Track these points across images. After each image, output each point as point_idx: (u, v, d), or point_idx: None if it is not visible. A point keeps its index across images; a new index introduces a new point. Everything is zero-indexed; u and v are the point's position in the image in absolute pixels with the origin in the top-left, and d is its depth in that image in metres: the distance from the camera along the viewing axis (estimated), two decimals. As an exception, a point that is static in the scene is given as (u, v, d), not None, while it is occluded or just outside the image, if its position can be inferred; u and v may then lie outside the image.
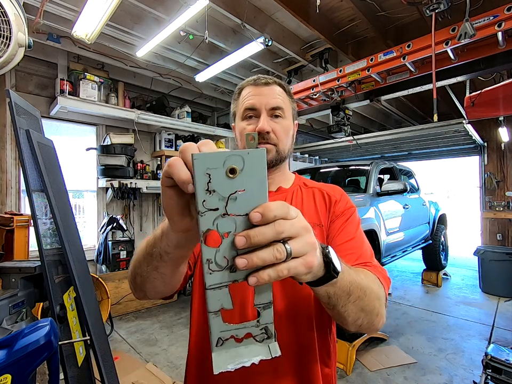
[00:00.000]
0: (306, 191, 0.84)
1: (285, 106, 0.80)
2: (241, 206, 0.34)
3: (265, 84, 0.79)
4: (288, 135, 0.82)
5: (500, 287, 4.21)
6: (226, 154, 0.34)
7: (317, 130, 6.56)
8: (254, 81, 0.80)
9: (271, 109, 0.77)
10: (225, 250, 0.35)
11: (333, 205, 0.79)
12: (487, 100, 3.34)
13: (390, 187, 3.41)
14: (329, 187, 0.85)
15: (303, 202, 0.81)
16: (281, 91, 0.80)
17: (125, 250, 4.01)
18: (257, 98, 0.78)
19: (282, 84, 0.82)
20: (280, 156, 0.80)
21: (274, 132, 0.78)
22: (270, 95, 0.78)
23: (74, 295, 1.26)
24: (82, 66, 3.75)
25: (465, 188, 9.73)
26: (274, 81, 0.80)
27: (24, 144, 1.18)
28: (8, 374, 0.69)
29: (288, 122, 0.81)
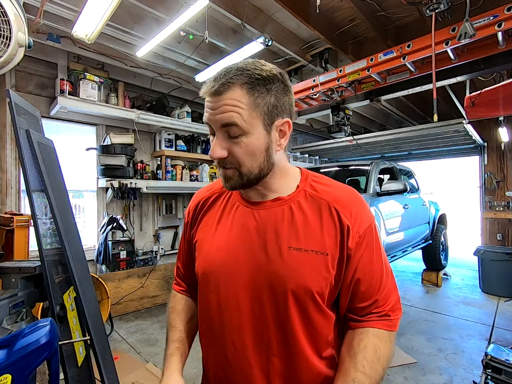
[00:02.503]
0: (312, 203, 0.70)
1: (244, 119, 0.61)
2: None
3: (216, 92, 0.61)
4: (254, 154, 0.64)
5: (499, 287, 4.21)
6: None
7: (317, 130, 6.56)
8: (207, 87, 0.64)
9: (223, 127, 0.63)
10: None
11: (345, 232, 0.66)
12: (487, 100, 3.34)
13: (390, 187, 3.41)
14: (342, 202, 0.70)
15: (307, 220, 0.68)
16: (240, 96, 0.61)
17: (125, 250, 4.01)
18: (210, 113, 0.64)
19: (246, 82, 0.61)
20: (246, 178, 0.66)
21: (232, 155, 0.64)
22: (221, 109, 0.61)
23: (74, 295, 1.26)
24: (82, 66, 3.74)
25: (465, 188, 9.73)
26: (233, 82, 0.61)
27: (24, 144, 1.18)
28: (8, 374, 0.69)
29: (252, 138, 0.63)
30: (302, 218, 0.68)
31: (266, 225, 0.69)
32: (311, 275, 0.65)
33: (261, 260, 0.67)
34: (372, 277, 0.69)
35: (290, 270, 0.65)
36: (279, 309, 0.66)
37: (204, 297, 0.76)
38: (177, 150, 4.67)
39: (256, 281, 0.67)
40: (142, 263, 4.36)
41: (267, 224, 0.69)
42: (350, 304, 0.70)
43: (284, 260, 0.65)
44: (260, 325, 0.67)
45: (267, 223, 0.69)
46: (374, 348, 0.66)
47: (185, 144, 4.81)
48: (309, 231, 0.67)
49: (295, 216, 0.68)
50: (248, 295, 0.68)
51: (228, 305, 0.70)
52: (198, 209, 0.82)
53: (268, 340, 0.67)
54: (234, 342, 0.69)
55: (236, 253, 0.70)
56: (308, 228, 0.67)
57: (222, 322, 0.71)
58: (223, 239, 0.73)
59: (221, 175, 0.70)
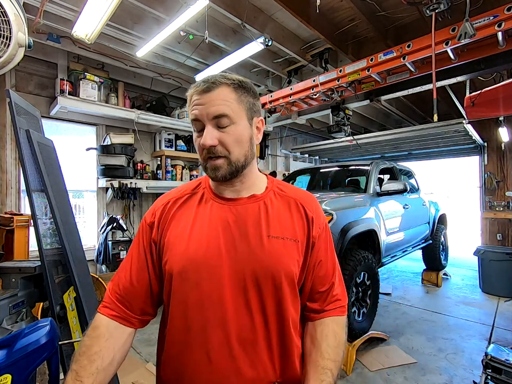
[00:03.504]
0: (282, 199, 0.81)
1: (233, 111, 0.71)
2: None
3: (206, 90, 0.71)
4: (241, 142, 0.73)
5: (499, 287, 4.20)
6: None
7: (317, 130, 6.56)
8: (196, 87, 0.73)
9: (214, 118, 0.70)
10: None
11: (310, 223, 0.79)
12: (487, 100, 3.34)
13: (390, 187, 3.41)
14: (304, 198, 0.83)
15: (280, 213, 0.78)
16: (228, 93, 0.72)
17: (125, 250, 4.00)
18: (200, 108, 0.71)
19: (230, 83, 0.72)
20: (234, 166, 0.73)
21: (222, 143, 0.71)
22: (211, 102, 0.70)
23: (74, 295, 1.26)
24: (82, 66, 3.75)
25: (465, 188, 9.74)
26: (220, 82, 0.71)
27: (24, 144, 1.18)
28: (8, 374, 0.69)
29: (240, 127, 0.73)
30: (275, 212, 0.78)
31: (245, 218, 0.76)
32: (289, 260, 0.74)
33: (243, 250, 0.72)
34: (328, 263, 0.83)
35: (272, 256, 0.72)
36: (263, 295, 0.72)
37: (180, 295, 0.73)
38: (177, 150, 4.67)
39: (240, 270, 0.72)
40: (142, 263, 4.35)
41: (246, 217, 0.76)
42: (312, 289, 0.81)
43: (265, 247, 0.73)
44: (244, 315, 0.71)
45: (246, 216, 0.76)
46: (334, 335, 0.78)
47: (185, 144, 4.81)
48: (282, 222, 0.77)
49: (269, 210, 0.78)
50: (232, 285, 0.71)
51: (211, 300, 0.71)
52: (168, 208, 0.81)
53: (253, 330, 0.71)
54: (218, 337, 0.70)
55: (217, 247, 0.73)
56: (281, 220, 0.77)
57: (204, 319, 0.71)
58: (202, 234, 0.75)
59: (207, 168, 0.75)
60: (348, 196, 3.25)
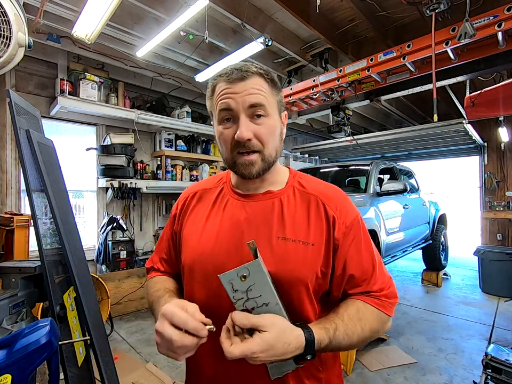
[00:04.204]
0: (301, 196, 0.74)
1: (268, 102, 0.68)
2: (255, 292, 0.60)
3: (240, 78, 0.66)
4: (275, 135, 0.71)
5: (499, 287, 4.20)
6: (237, 271, 0.58)
7: (317, 130, 6.56)
8: (227, 75, 0.67)
9: (250, 107, 0.66)
10: None
11: (331, 223, 0.70)
12: (487, 100, 3.34)
13: (390, 187, 3.41)
14: (327, 195, 0.74)
15: (295, 212, 0.72)
16: (262, 83, 0.68)
17: (125, 250, 4.01)
18: (233, 97, 0.66)
19: (263, 73, 0.69)
20: (267, 162, 0.70)
21: (257, 137, 0.67)
22: (248, 90, 0.66)
23: (74, 295, 1.26)
24: (82, 66, 3.74)
25: (465, 188, 9.73)
26: (253, 71, 0.67)
27: (24, 144, 1.18)
28: (8, 374, 0.69)
29: (273, 120, 0.70)
30: (290, 211, 0.72)
31: (256, 217, 0.72)
32: (297, 264, 0.67)
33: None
34: (361, 267, 0.71)
35: (278, 258, 0.67)
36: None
37: (188, 290, 0.75)
38: (177, 150, 4.66)
39: None
40: (142, 263, 4.35)
41: (257, 215, 0.72)
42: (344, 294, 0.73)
43: (273, 249, 0.68)
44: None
45: (257, 214, 0.72)
46: (358, 309, 0.68)
47: (185, 144, 4.81)
48: (296, 223, 0.70)
49: (284, 209, 0.72)
50: None
51: (216, 297, 0.69)
52: (188, 202, 0.83)
53: None
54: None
55: (226, 244, 0.71)
56: (295, 220, 0.71)
57: (209, 316, 0.70)
58: (213, 230, 0.74)
59: (237, 164, 0.70)
60: (348, 196, 3.25)
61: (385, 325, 0.72)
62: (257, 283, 0.59)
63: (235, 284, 0.59)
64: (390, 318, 0.73)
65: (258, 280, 0.59)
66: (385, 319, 0.71)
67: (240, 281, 0.59)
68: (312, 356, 0.60)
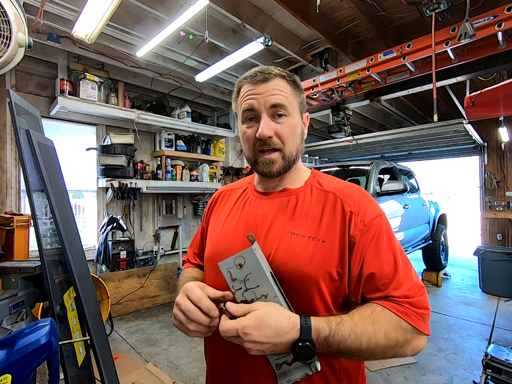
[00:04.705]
0: (318, 194, 0.74)
1: (289, 102, 0.71)
2: (253, 282, 0.60)
3: (263, 80, 0.70)
4: (295, 135, 0.73)
5: (499, 287, 4.21)
6: (233, 258, 0.60)
7: (317, 130, 6.56)
8: (251, 77, 0.71)
9: (272, 107, 0.69)
10: None
11: (347, 220, 0.67)
12: (487, 100, 3.34)
13: (390, 187, 3.41)
14: (345, 192, 0.72)
15: (310, 209, 0.71)
16: (284, 84, 0.71)
17: (125, 250, 4.01)
18: (256, 98, 0.70)
19: (285, 75, 0.73)
20: (288, 161, 0.72)
21: (278, 135, 0.70)
22: (270, 91, 0.69)
23: (74, 295, 1.26)
24: (82, 66, 3.74)
25: (465, 188, 9.73)
26: (275, 73, 0.71)
27: (24, 144, 1.17)
28: (8, 374, 0.69)
29: (294, 120, 0.72)
30: (304, 207, 0.72)
31: (270, 213, 0.74)
32: (303, 259, 0.65)
33: (262, 244, 0.70)
34: (381, 269, 0.64)
35: (287, 253, 0.67)
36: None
37: (208, 280, 0.79)
38: (177, 150, 4.66)
39: None
40: (142, 263, 4.36)
41: (272, 212, 0.74)
42: (363, 298, 0.67)
43: (282, 244, 0.68)
44: None
45: (272, 211, 0.74)
46: (372, 311, 0.61)
47: (185, 144, 4.81)
48: (308, 219, 0.70)
49: (298, 206, 0.73)
50: None
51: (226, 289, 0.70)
52: (215, 201, 0.92)
53: None
54: None
55: (241, 239, 0.73)
56: (308, 216, 0.70)
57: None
58: (231, 226, 0.79)
59: (258, 163, 0.73)
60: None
61: (411, 338, 0.61)
62: (253, 272, 0.59)
63: (233, 273, 0.60)
64: (423, 334, 0.63)
65: (254, 269, 0.59)
66: (407, 329, 0.61)
67: (237, 270, 0.60)
68: (311, 345, 0.55)
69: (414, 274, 0.68)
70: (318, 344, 0.56)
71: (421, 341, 0.64)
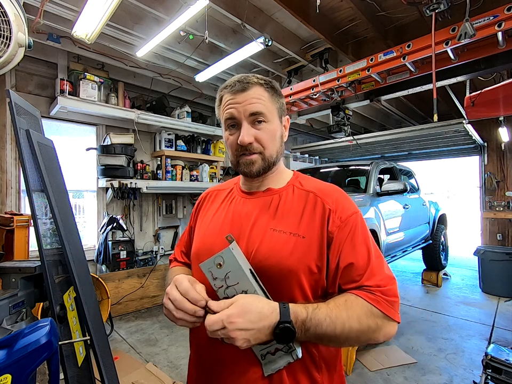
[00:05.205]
0: (299, 193, 0.79)
1: (267, 109, 0.76)
2: (233, 279, 0.64)
3: (242, 90, 0.74)
4: (275, 139, 0.78)
5: (499, 287, 4.21)
6: (213, 259, 0.64)
7: (317, 130, 6.56)
8: (231, 87, 0.76)
9: (251, 115, 0.74)
10: None
11: (327, 217, 0.72)
12: (487, 99, 3.34)
13: (390, 187, 3.41)
14: (325, 191, 0.78)
15: (291, 207, 0.76)
16: (262, 92, 0.76)
17: (125, 250, 4.01)
18: (236, 107, 0.74)
19: (263, 83, 0.77)
20: (267, 162, 0.78)
21: (258, 140, 0.75)
22: (248, 100, 0.74)
23: (74, 295, 1.26)
24: (82, 66, 3.75)
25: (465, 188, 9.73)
26: (253, 82, 0.76)
27: (24, 144, 1.17)
28: (8, 374, 0.69)
29: (273, 125, 0.78)
30: (286, 206, 0.77)
31: (254, 211, 0.79)
32: (285, 254, 0.70)
33: (246, 241, 0.74)
34: (356, 262, 0.69)
35: (269, 248, 0.71)
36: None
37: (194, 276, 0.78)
38: (177, 150, 4.66)
39: None
40: (142, 263, 4.36)
41: (255, 210, 0.79)
42: (340, 289, 0.71)
43: (265, 240, 0.73)
44: None
45: (256, 209, 0.79)
46: (346, 299, 0.66)
47: (185, 144, 4.81)
48: (290, 217, 0.75)
49: (280, 204, 0.78)
50: None
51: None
52: (203, 201, 0.96)
53: None
54: None
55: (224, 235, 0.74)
56: (289, 214, 0.75)
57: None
58: (217, 224, 0.83)
59: (240, 164, 0.78)
60: (348, 195, 3.25)
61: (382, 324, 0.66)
62: (232, 270, 0.63)
63: (214, 272, 0.64)
64: (393, 321, 0.68)
65: (233, 267, 0.63)
66: (378, 315, 0.66)
67: (217, 269, 0.64)
68: (291, 327, 0.59)
69: (385, 267, 0.73)
70: (297, 328, 0.61)
71: (391, 327, 0.68)
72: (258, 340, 0.61)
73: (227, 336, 0.58)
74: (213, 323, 0.58)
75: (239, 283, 0.64)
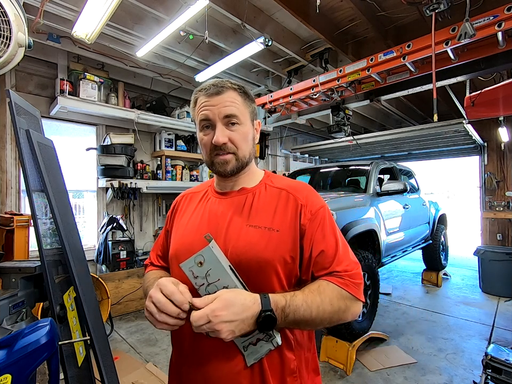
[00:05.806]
0: (271, 191, 0.84)
1: (241, 112, 0.79)
2: (214, 276, 0.66)
3: (216, 93, 0.78)
4: (247, 140, 0.82)
5: (499, 287, 4.21)
6: (194, 258, 0.66)
7: (317, 130, 6.56)
8: (206, 90, 0.79)
9: (225, 117, 0.78)
10: None
11: (299, 211, 0.78)
12: (487, 99, 3.34)
13: (390, 187, 3.41)
14: (296, 188, 0.83)
15: (265, 203, 0.81)
16: (235, 96, 0.80)
17: (125, 250, 4.01)
18: (211, 109, 0.78)
19: (237, 88, 0.81)
20: (241, 162, 0.81)
21: (231, 141, 0.78)
22: (223, 103, 0.77)
23: (74, 295, 1.26)
24: (82, 66, 3.75)
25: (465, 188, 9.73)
26: (228, 86, 0.79)
27: (24, 144, 1.17)
28: (8, 374, 0.69)
29: (246, 127, 0.81)
30: (261, 202, 0.81)
31: (230, 209, 0.82)
32: (261, 247, 0.74)
33: (223, 238, 0.77)
34: (326, 250, 0.76)
35: (246, 244, 0.75)
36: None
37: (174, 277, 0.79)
38: (177, 150, 4.67)
39: None
40: (142, 263, 4.35)
41: (231, 209, 0.82)
42: (313, 275, 0.77)
43: (242, 236, 0.76)
44: None
45: (231, 208, 0.83)
46: (319, 285, 0.72)
47: (185, 144, 4.81)
48: (264, 213, 0.79)
49: (254, 202, 0.82)
50: None
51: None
52: (178, 203, 0.97)
53: None
54: None
55: (203, 236, 0.76)
56: (263, 210, 0.80)
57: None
58: (194, 225, 0.85)
59: (214, 164, 0.81)
60: (348, 196, 3.25)
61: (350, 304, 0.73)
62: (213, 268, 0.66)
63: (195, 271, 0.66)
64: (358, 301, 0.75)
65: (213, 265, 0.66)
66: (347, 297, 0.73)
67: (198, 268, 0.66)
68: (272, 314, 0.63)
69: (351, 253, 0.81)
70: (278, 315, 0.65)
71: (358, 307, 0.76)
72: (242, 331, 0.64)
73: (212, 330, 0.60)
74: (198, 318, 0.60)
75: (220, 279, 0.66)
